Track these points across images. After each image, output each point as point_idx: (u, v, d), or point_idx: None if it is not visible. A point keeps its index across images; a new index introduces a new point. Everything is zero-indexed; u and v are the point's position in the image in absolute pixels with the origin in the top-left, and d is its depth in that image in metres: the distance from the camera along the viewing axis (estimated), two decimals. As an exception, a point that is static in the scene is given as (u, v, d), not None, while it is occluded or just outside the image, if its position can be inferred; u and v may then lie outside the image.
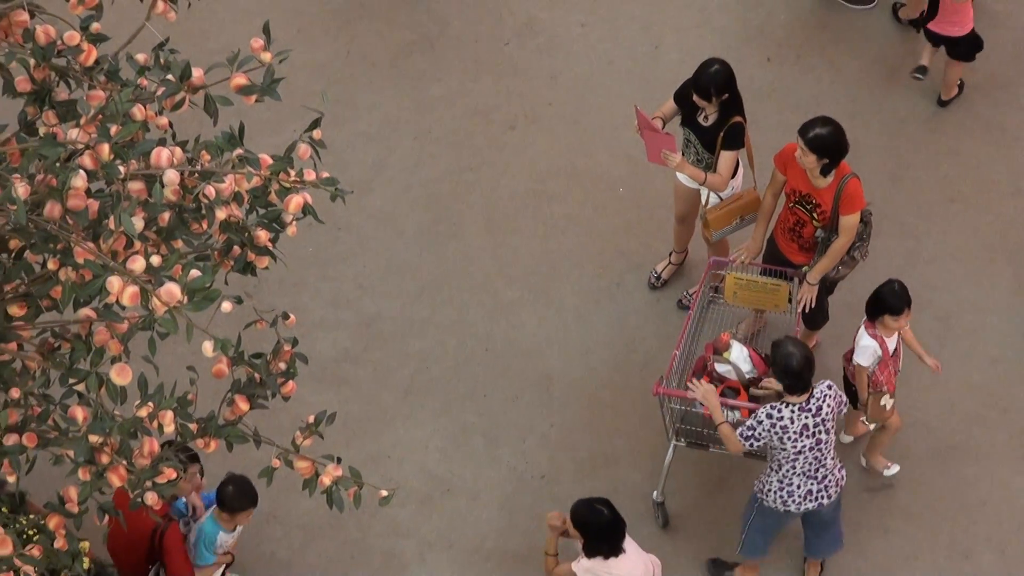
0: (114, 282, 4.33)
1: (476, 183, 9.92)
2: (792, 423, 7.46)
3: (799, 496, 7.75)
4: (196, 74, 4.89)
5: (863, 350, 8.08)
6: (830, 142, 7.94)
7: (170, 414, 4.88)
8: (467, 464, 8.88)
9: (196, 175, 4.77)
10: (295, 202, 4.91)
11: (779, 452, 7.58)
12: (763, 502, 7.86)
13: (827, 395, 7.54)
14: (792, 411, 7.47)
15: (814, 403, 7.49)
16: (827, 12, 10.66)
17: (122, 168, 4.58)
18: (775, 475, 7.73)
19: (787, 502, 7.77)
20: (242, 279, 5.87)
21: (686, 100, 8.49)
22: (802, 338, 8.43)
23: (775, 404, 7.51)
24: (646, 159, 8.69)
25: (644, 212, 9.76)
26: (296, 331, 5.42)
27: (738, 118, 8.40)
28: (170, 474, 5.06)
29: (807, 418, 7.48)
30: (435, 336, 9.32)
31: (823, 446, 7.61)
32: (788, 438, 7.48)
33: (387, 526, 8.65)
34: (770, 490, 7.79)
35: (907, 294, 8.02)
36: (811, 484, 7.73)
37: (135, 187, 4.62)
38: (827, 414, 7.55)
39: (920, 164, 9.95)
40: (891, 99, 10.20)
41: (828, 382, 7.60)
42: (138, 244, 4.61)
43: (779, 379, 7.52)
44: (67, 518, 5.16)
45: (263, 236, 5.14)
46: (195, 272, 4.38)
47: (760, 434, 7.51)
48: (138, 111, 4.75)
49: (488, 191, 9.89)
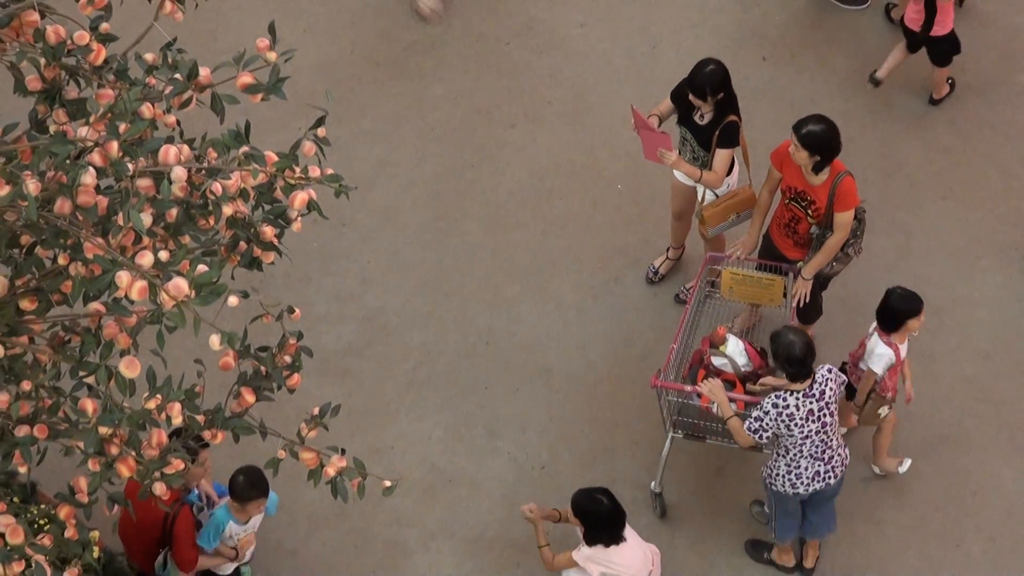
0: (123, 277, 4.33)
1: (477, 180, 9.92)
2: (798, 410, 7.47)
3: (807, 478, 7.75)
4: (203, 73, 4.89)
5: (879, 358, 8.01)
6: (822, 140, 7.94)
7: (178, 406, 4.88)
8: (468, 455, 8.88)
9: (203, 172, 4.77)
10: (300, 198, 4.90)
11: (786, 438, 7.59)
12: (771, 487, 7.87)
13: (828, 379, 7.56)
14: (797, 398, 7.47)
15: (817, 388, 7.50)
16: (821, 13, 10.66)
17: (131, 165, 4.57)
18: (782, 460, 7.73)
19: (795, 485, 7.77)
20: (248, 274, 5.86)
21: (682, 99, 8.49)
22: (797, 332, 8.44)
23: (779, 393, 7.51)
24: (643, 157, 8.70)
25: (642, 209, 9.76)
26: (301, 325, 5.42)
27: (733, 117, 8.40)
28: (178, 465, 5.07)
29: (812, 403, 7.49)
30: (437, 330, 9.32)
31: (828, 428, 7.63)
32: (795, 425, 7.49)
33: (390, 516, 8.66)
34: (778, 475, 7.79)
35: (914, 293, 7.99)
36: (818, 466, 7.74)
37: (143, 184, 4.62)
38: (830, 397, 7.56)
39: (912, 162, 9.95)
40: (884, 98, 10.19)
41: (828, 366, 7.61)
42: (146, 240, 4.61)
43: (781, 368, 7.51)
44: (77, 508, 5.17)
45: (269, 232, 5.14)
46: (202, 267, 4.38)
47: (767, 425, 7.51)
48: (146, 109, 4.75)
49: (489, 188, 9.89)
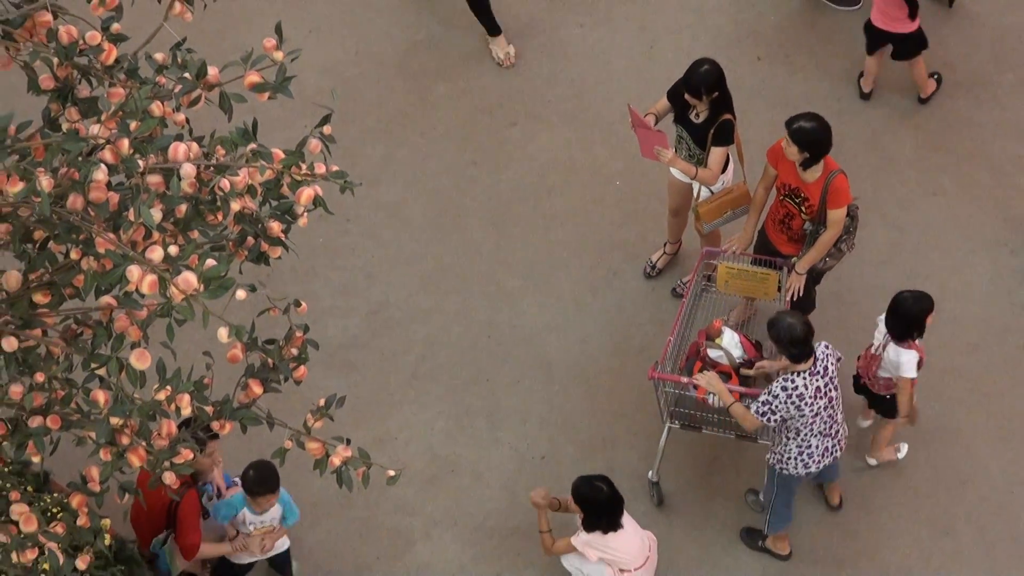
0: (134, 271, 4.33)
1: (479, 177, 9.92)
2: (807, 389, 7.46)
3: (818, 455, 7.76)
4: (212, 72, 4.89)
5: (909, 364, 7.86)
6: (812, 137, 7.92)
7: (187, 397, 4.88)
8: (470, 445, 8.88)
9: (212, 169, 4.77)
10: (306, 194, 4.90)
11: (796, 420, 7.57)
12: (782, 471, 7.84)
13: (828, 354, 7.57)
14: (804, 378, 7.46)
15: (820, 365, 7.50)
16: (815, 14, 10.65)
17: (141, 162, 4.58)
18: (792, 442, 7.71)
19: (808, 464, 7.77)
20: (256, 268, 5.85)
21: (678, 98, 8.48)
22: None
23: (786, 375, 7.48)
24: (640, 155, 8.69)
25: (640, 205, 9.75)
26: (307, 318, 5.42)
27: (728, 115, 8.39)
28: (187, 455, 5.07)
29: (818, 380, 7.49)
30: (440, 323, 9.32)
31: (834, 403, 7.65)
32: (805, 404, 7.47)
33: (394, 504, 8.66)
34: (789, 458, 7.77)
35: (921, 291, 7.91)
36: (827, 442, 7.75)
37: (153, 180, 4.62)
38: (832, 372, 7.58)
39: (904, 159, 9.94)
40: (876, 97, 10.18)
41: (824, 343, 7.59)
42: (156, 235, 4.61)
43: (785, 351, 7.46)
44: (89, 497, 5.17)
45: (276, 227, 5.14)
46: (211, 261, 4.38)
47: (777, 407, 7.49)
48: (156, 108, 4.75)
49: (490, 184, 9.89)
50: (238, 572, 8.10)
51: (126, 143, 4.56)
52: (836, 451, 7.82)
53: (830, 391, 7.57)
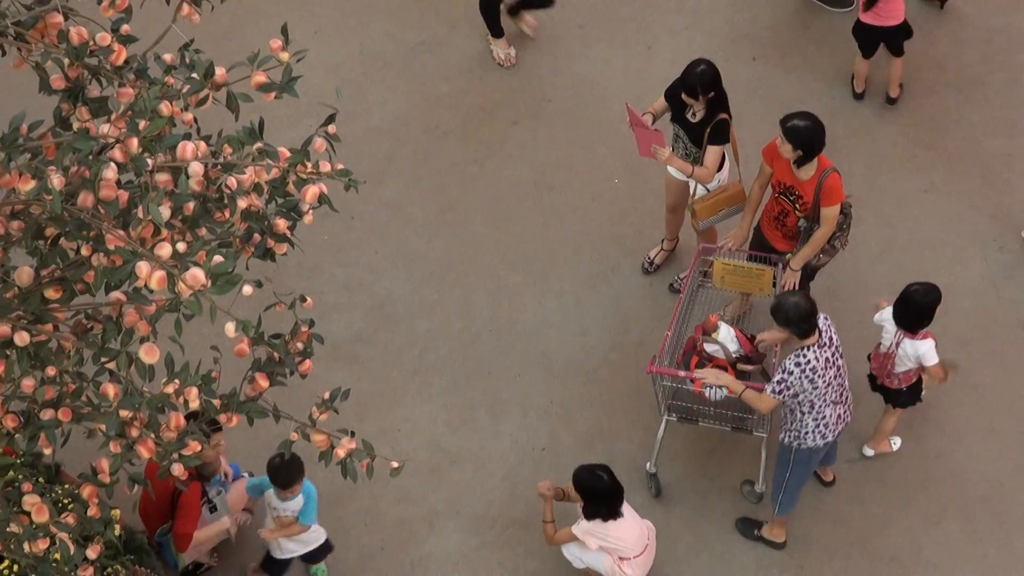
0: (143, 267, 4.32)
1: (481, 175, 9.91)
2: (818, 361, 7.46)
3: (832, 424, 7.77)
4: (219, 73, 4.88)
5: (929, 352, 7.93)
6: (804, 135, 7.92)
7: (195, 390, 4.87)
8: (472, 437, 8.88)
9: (219, 167, 4.76)
10: (311, 192, 4.89)
11: (810, 393, 7.56)
12: (800, 448, 7.82)
13: (829, 325, 7.59)
14: (814, 351, 7.46)
15: (825, 336, 7.52)
16: (809, 15, 10.64)
17: (150, 160, 4.57)
18: (808, 416, 7.70)
19: (825, 434, 7.78)
20: (262, 264, 5.84)
21: (675, 98, 8.48)
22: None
23: (797, 351, 7.48)
24: (638, 153, 8.69)
25: (638, 202, 9.75)
26: (312, 313, 5.42)
27: (724, 115, 8.39)
28: (195, 446, 5.06)
29: (826, 352, 7.51)
30: (442, 318, 9.32)
31: (842, 371, 7.69)
32: (818, 376, 7.48)
33: (398, 495, 8.66)
34: (807, 433, 7.77)
35: (929, 283, 7.94)
36: (839, 409, 7.78)
37: (162, 178, 4.61)
38: (837, 341, 7.60)
39: (896, 157, 9.93)
40: (868, 96, 10.17)
41: (823, 315, 7.59)
42: (165, 232, 4.60)
43: (795, 328, 7.44)
44: (99, 488, 5.16)
45: (281, 224, 5.14)
46: (218, 258, 4.37)
47: (792, 383, 7.48)
48: (165, 107, 4.74)
49: (492, 182, 9.88)
50: (278, 568, 8.16)
51: (135, 142, 4.55)
52: (847, 417, 7.89)
53: (837, 359, 7.61)
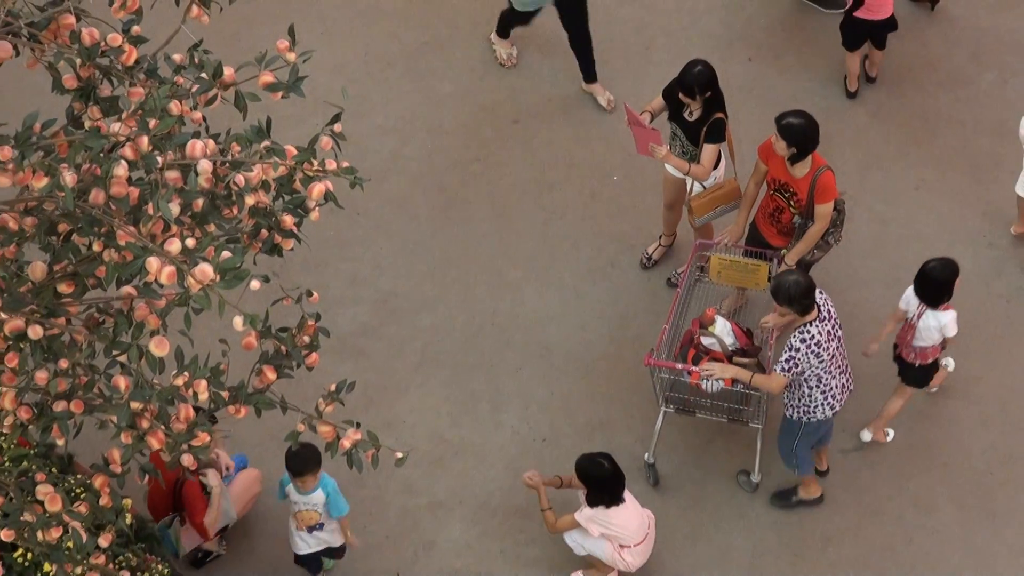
0: (153, 262, 4.32)
1: (483, 172, 9.91)
2: (821, 335, 7.48)
3: (838, 393, 7.80)
4: (227, 72, 4.88)
5: (951, 324, 7.99)
6: (799, 132, 7.91)
7: (204, 383, 4.87)
8: (474, 428, 8.88)
9: (227, 165, 4.76)
10: (317, 189, 4.89)
11: (816, 368, 7.57)
12: (809, 421, 7.84)
13: (825, 299, 7.61)
14: (816, 326, 7.48)
15: (824, 310, 7.54)
16: (803, 16, 10.63)
17: (160, 158, 4.56)
18: (816, 390, 7.71)
19: (833, 405, 7.82)
20: (269, 260, 5.87)
21: (673, 97, 8.47)
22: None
23: (800, 328, 7.50)
24: (636, 151, 8.68)
25: (636, 198, 9.74)
26: (319, 307, 5.41)
27: (720, 114, 8.38)
28: (203, 437, 5.07)
29: (827, 325, 7.54)
30: (445, 312, 9.31)
31: (841, 341, 7.72)
32: (823, 349, 7.50)
33: (402, 485, 8.66)
34: (816, 406, 7.78)
35: (946, 258, 7.98)
36: (843, 378, 7.82)
37: (172, 176, 4.61)
38: (835, 313, 7.63)
39: (888, 155, 9.92)
40: (861, 95, 10.16)
41: (818, 289, 7.60)
42: (175, 228, 4.60)
43: (797, 306, 7.45)
44: (111, 478, 5.16)
45: (288, 220, 5.13)
46: (226, 253, 4.37)
47: (799, 360, 7.50)
48: (174, 106, 4.73)
49: (494, 179, 9.87)
50: (302, 561, 8.16)
51: (145, 140, 4.55)
52: (850, 385, 7.92)
53: (838, 331, 7.65)
